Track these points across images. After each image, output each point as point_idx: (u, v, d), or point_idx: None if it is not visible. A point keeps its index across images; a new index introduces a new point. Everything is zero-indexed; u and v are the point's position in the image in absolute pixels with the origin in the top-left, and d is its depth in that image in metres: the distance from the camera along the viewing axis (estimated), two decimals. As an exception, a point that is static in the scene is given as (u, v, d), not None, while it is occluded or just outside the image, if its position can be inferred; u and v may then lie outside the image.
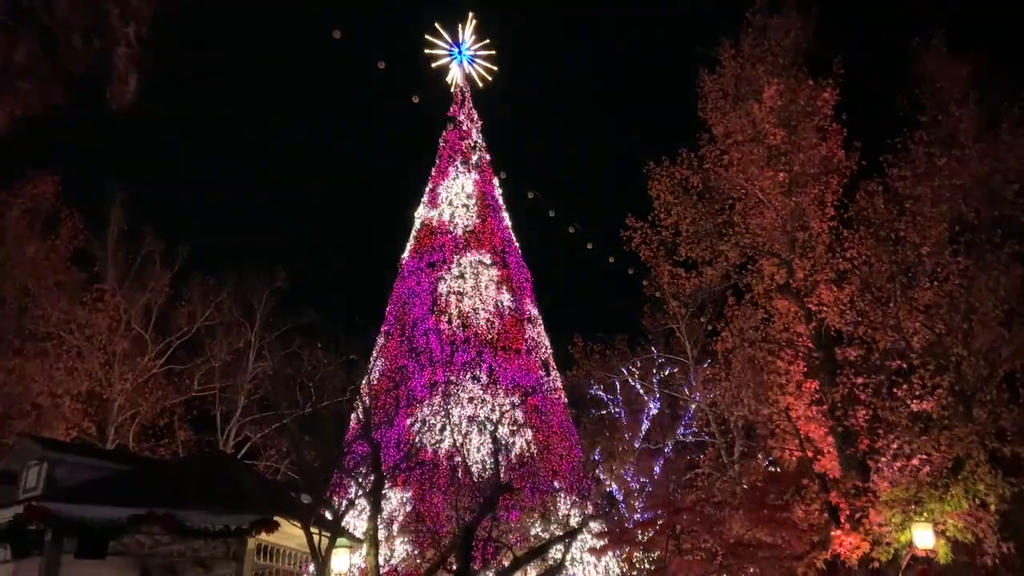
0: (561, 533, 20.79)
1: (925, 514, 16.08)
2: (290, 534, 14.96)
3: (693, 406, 30.24)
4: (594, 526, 24.12)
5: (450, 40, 38.62)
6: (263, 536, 14.19)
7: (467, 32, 38.73)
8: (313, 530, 15.07)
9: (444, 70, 38.98)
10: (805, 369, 19.08)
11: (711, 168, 21.06)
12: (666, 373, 31.38)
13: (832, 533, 17.03)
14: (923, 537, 15.77)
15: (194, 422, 30.88)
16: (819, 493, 17.78)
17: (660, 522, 21.77)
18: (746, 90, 20.72)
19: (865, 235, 18.13)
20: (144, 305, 29.51)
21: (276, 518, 14.19)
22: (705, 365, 27.25)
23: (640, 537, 23.03)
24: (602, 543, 24.11)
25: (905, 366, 17.07)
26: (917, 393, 16.52)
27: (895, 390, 16.98)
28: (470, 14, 38.46)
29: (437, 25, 38.19)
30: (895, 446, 16.62)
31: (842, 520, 16.92)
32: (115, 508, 13.45)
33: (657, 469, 28.74)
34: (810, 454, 18.34)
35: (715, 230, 21.31)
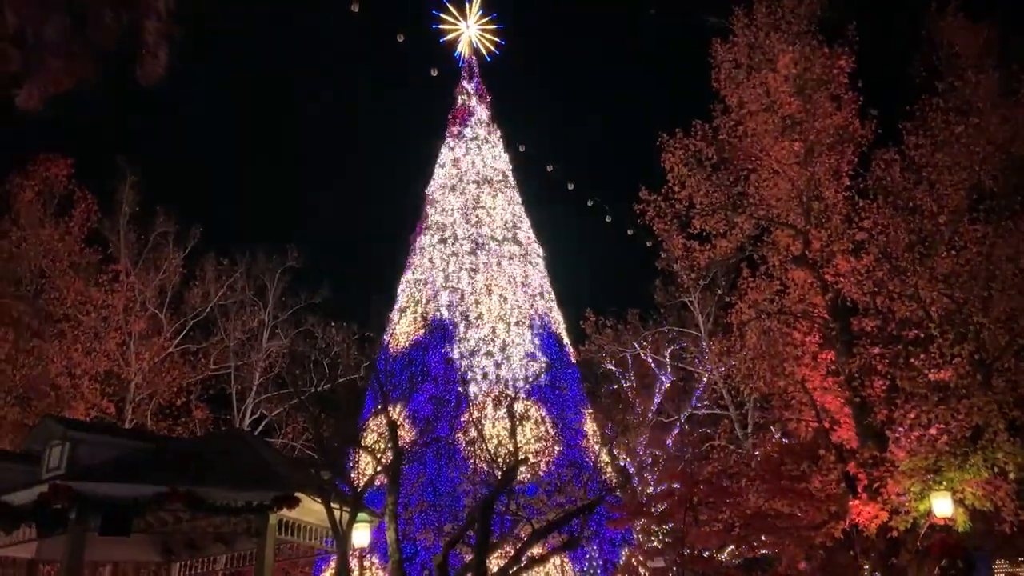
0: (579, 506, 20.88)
1: (944, 483, 16.03)
2: (310, 509, 15.05)
3: (705, 379, 30.30)
4: (610, 499, 24.24)
5: (457, 14, 38.37)
6: (284, 512, 14.25)
7: (475, 5, 38.43)
8: (333, 505, 15.18)
9: (453, 44, 38.76)
10: (821, 340, 18.94)
11: (725, 139, 20.81)
12: (678, 347, 31.43)
13: (850, 503, 16.99)
14: (942, 505, 15.79)
15: (210, 401, 31.20)
16: (836, 464, 17.69)
17: (676, 495, 21.84)
18: (760, 59, 20.41)
19: (882, 204, 17.92)
20: (158, 285, 29.73)
21: (297, 494, 14.26)
22: (718, 337, 27.22)
23: (656, 509, 23.14)
24: (619, 515, 24.25)
25: (922, 336, 16.92)
26: (935, 362, 16.37)
27: (912, 360, 16.81)
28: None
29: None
30: (912, 416, 16.52)
31: (860, 490, 16.87)
32: (138, 486, 13.51)
33: (669, 442, 28.88)
34: (827, 425, 18.26)
35: (729, 202, 21.11)
